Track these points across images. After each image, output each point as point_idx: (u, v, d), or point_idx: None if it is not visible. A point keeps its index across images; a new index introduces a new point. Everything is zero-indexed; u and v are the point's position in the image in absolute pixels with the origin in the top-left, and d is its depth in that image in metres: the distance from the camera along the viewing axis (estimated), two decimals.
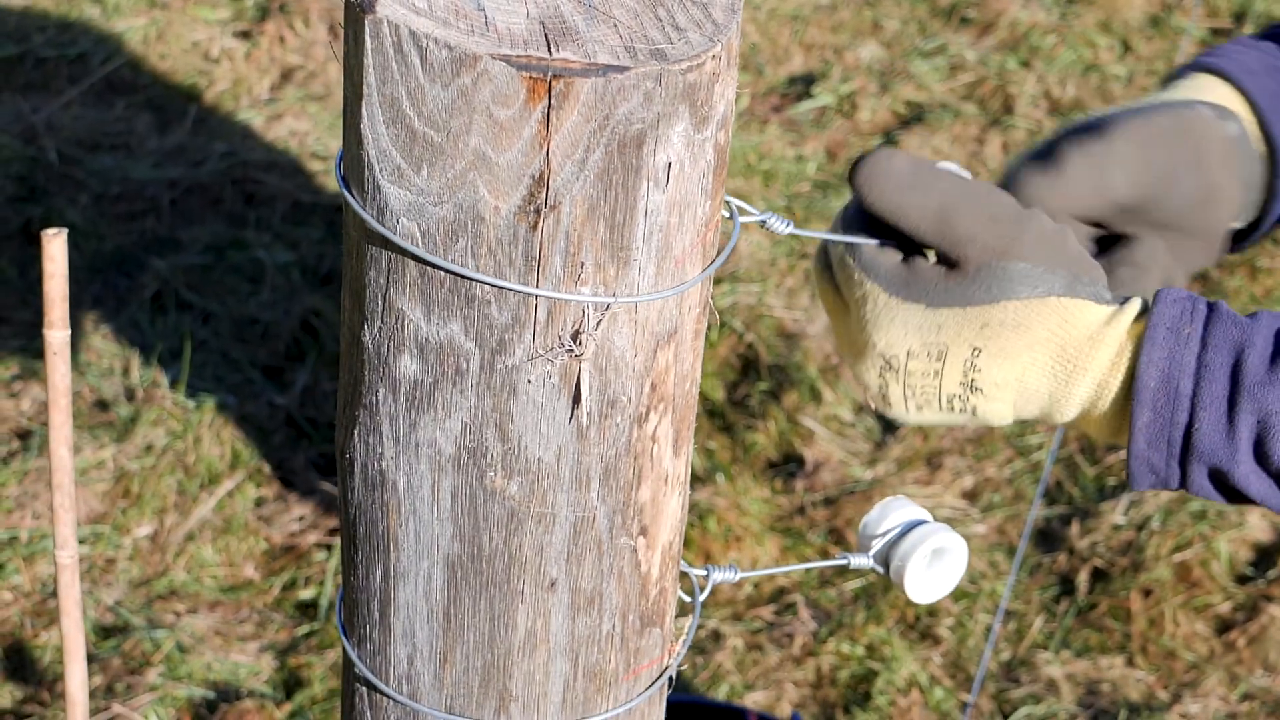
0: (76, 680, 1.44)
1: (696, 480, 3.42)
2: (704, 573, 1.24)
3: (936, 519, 3.51)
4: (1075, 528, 3.40)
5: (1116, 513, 3.42)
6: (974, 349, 1.26)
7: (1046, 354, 1.26)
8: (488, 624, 1.12)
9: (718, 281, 3.85)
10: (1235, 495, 1.26)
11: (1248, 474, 1.23)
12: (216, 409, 3.43)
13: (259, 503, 3.30)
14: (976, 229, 1.24)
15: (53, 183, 3.97)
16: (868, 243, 1.27)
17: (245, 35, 4.49)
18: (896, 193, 1.24)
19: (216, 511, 3.27)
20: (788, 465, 3.50)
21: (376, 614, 1.16)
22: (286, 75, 4.39)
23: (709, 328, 3.73)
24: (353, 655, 1.19)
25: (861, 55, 4.67)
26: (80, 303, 3.68)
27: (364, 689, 1.20)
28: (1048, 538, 3.41)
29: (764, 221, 1.22)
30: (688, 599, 1.24)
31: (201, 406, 3.44)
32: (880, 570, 1.29)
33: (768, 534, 3.32)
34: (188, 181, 4.02)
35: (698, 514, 3.32)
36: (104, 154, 4.08)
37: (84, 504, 3.25)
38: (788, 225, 1.23)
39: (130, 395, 3.47)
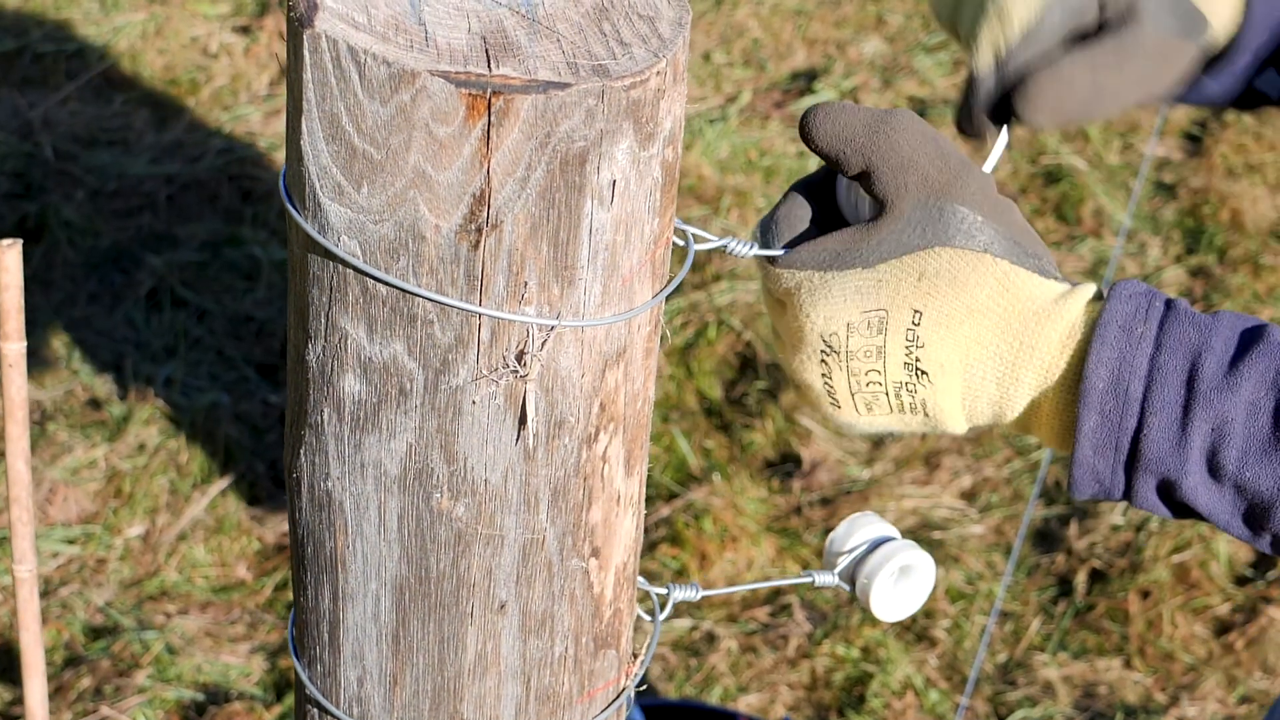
0: (36, 695, 1.42)
1: (693, 479, 3.40)
2: (664, 591, 1.22)
3: (934, 519, 3.49)
4: (1073, 528, 3.37)
5: (1115, 513, 3.39)
6: (914, 312, 1.18)
7: (990, 327, 1.18)
8: (437, 646, 1.11)
9: (716, 279, 3.83)
10: (1181, 509, 1.19)
11: (1196, 485, 1.16)
12: (210, 407, 3.42)
13: (252, 502, 3.29)
14: (919, 156, 1.17)
15: (49, 179, 3.95)
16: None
17: (244, 31, 4.47)
18: (845, 112, 1.18)
19: (209, 511, 3.25)
20: (785, 465, 3.48)
21: (326, 635, 1.14)
22: (285, 71, 4.38)
23: (704, 328, 3.72)
24: (304, 676, 1.17)
25: (864, 50, 4.65)
26: (75, 299, 3.66)
27: (315, 710, 1.18)
28: (1046, 538, 3.39)
29: (725, 246, 1.18)
30: (648, 618, 1.22)
31: (195, 405, 3.42)
32: (846, 587, 1.26)
33: (764, 534, 3.30)
34: (184, 178, 4.00)
35: (694, 514, 3.30)
36: (101, 150, 4.06)
37: (75, 503, 3.24)
38: (750, 248, 1.19)
39: (123, 393, 3.46)
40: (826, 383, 1.21)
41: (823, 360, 1.20)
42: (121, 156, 4.05)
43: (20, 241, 1.27)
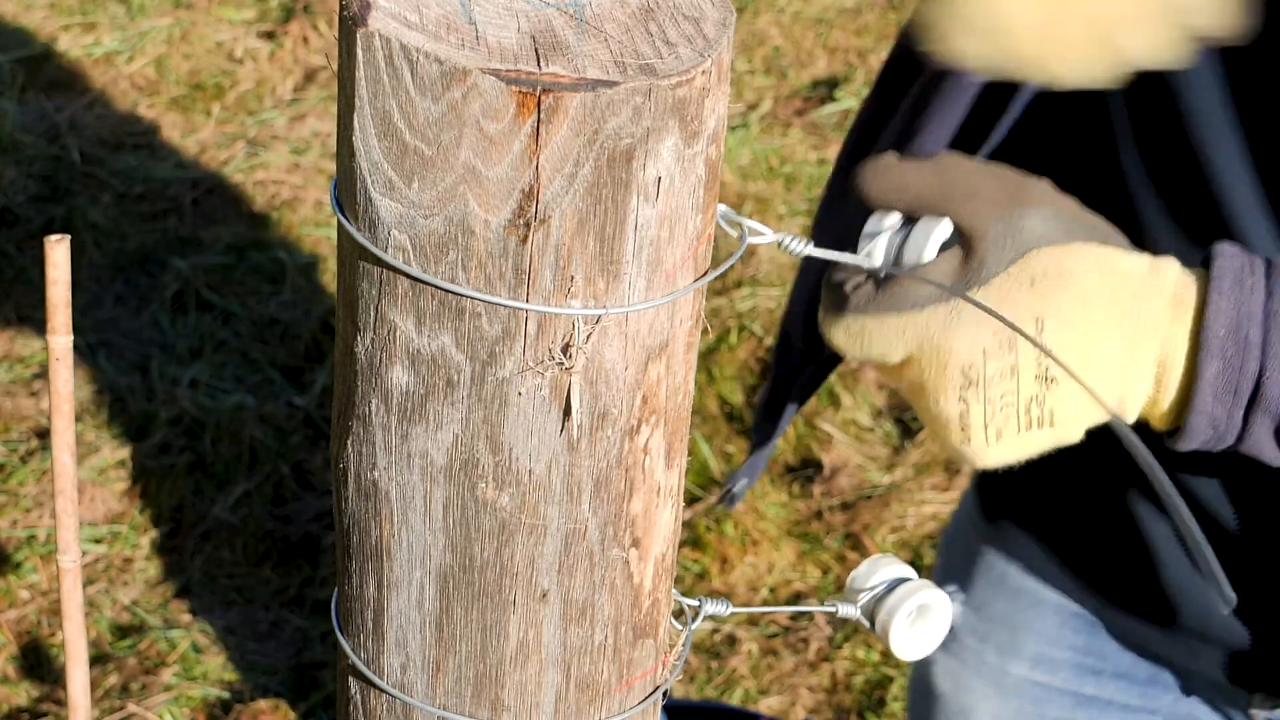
0: (78, 684, 1.44)
1: (715, 484, 3.42)
2: (695, 603, 1.25)
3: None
4: None
5: None
6: (1037, 320, 1.21)
7: (1104, 310, 1.21)
8: (480, 634, 1.13)
9: (738, 285, 3.85)
10: None
11: None
12: (235, 409, 3.45)
13: (276, 503, 3.32)
14: (979, 185, 1.22)
15: (76, 182, 3.98)
16: (861, 261, 1.26)
17: (269, 36, 4.50)
18: (895, 168, 1.23)
19: (233, 511, 3.28)
20: (805, 469, 3.50)
21: (370, 623, 1.16)
22: (310, 76, 4.40)
23: (725, 333, 3.74)
24: (353, 659, 1.20)
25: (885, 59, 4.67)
26: (101, 302, 3.69)
27: (358, 693, 1.20)
28: None
29: (780, 242, 1.19)
30: (679, 627, 1.24)
31: (220, 406, 3.45)
32: (866, 624, 1.29)
33: (785, 538, 3.32)
34: (210, 182, 4.03)
35: (715, 518, 3.32)
36: (127, 154, 4.09)
37: (102, 503, 3.26)
38: (806, 245, 1.21)
39: (149, 394, 3.49)
40: (963, 415, 1.23)
41: (961, 397, 1.23)
42: (147, 160, 4.08)
43: (68, 237, 1.29)
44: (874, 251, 1.27)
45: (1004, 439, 1.24)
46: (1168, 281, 1.23)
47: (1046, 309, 1.21)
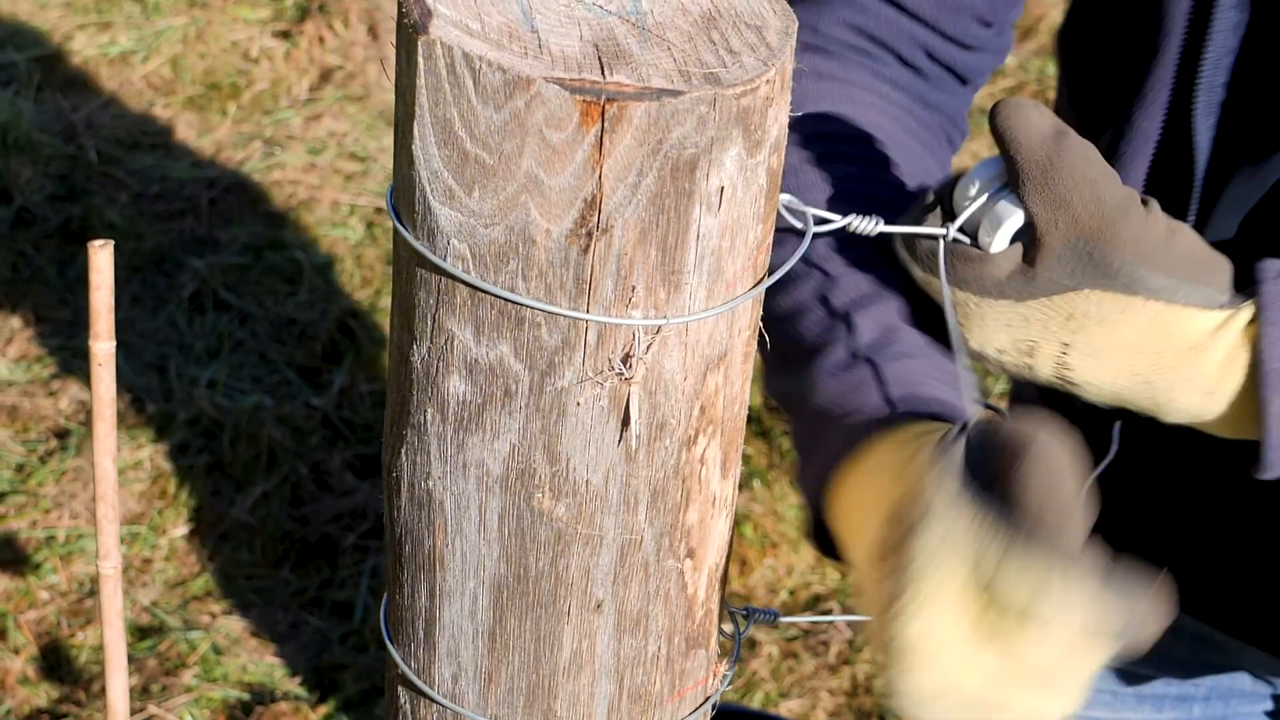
0: (117, 689, 1.44)
1: None
2: (743, 613, 1.24)
3: None
4: None
5: None
6: (1062, 345, 1.18)
7: (1140, 361, 1.18)
8: (533, 645, 1.12)
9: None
10: None
11: None
12: (253, 410, 3.44)
13: (294, 504, 3.31)
14: (1074, 197, 1.14)
15: (92, 182, 3.97)
16: (936, 233, 1.18)
17: (285, 35, 4.49)
18: (1027, 120, 1.14)
19: (252, 512, 3.27)
20: None
21: (421, 632, 1.16)
22: (325, 75, 4.40)
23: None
24: (403, 669, 1.19)
25: None
26: (118, 302, 3.68)
27: (408, 705, 1.20)
28: None
29: (849, 225, 1.14)
30: (726, 635, 1.23)
31: (238, 407, 3.44)
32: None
33: (804, 541, 3.32)
34: (226, 181, 4.02)
35: (734, 520, 3.31)
36: (143, 153, 4.08)
37: (120, 504, 3.26)
38: (876, 223, 1.15)
39: (168, 395, 3.48)
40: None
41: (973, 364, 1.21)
42: (164, 160, 4.07)
43: (111, 243, 1.29)
44: (950, 226, 1.19)
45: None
46: (1227, 339, 1.17)
47: (1075, 340, 1.18)
